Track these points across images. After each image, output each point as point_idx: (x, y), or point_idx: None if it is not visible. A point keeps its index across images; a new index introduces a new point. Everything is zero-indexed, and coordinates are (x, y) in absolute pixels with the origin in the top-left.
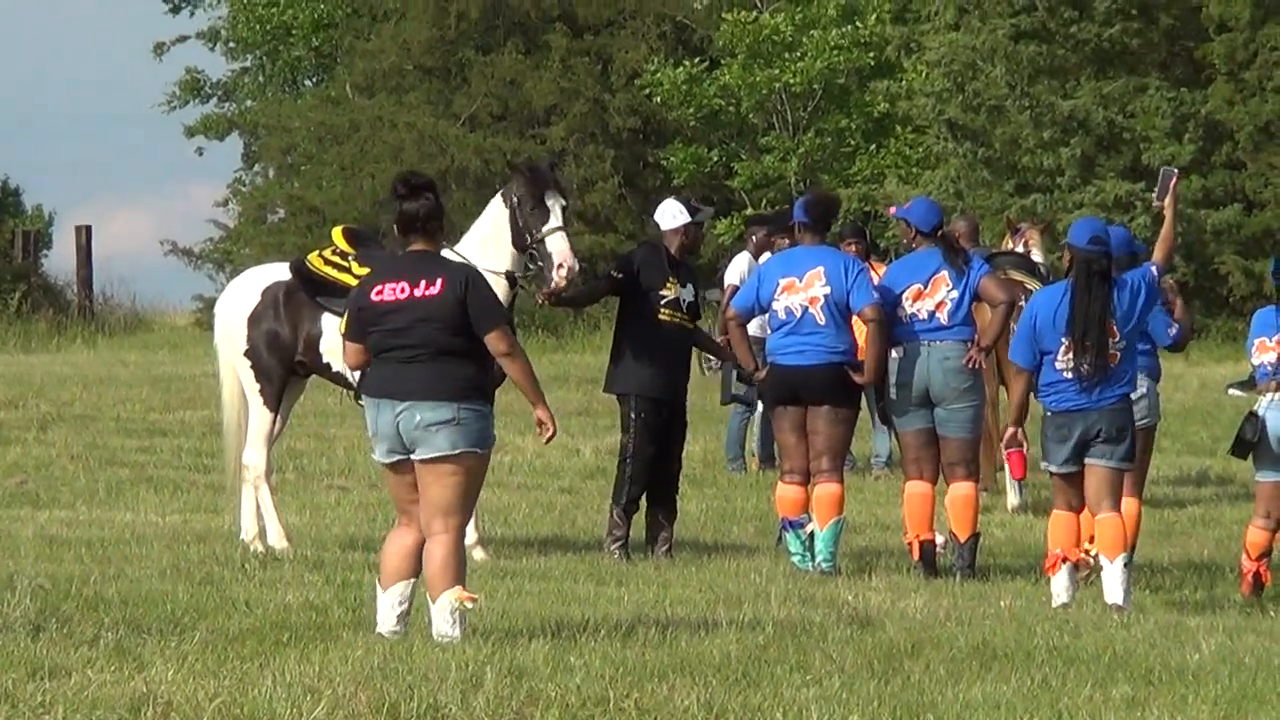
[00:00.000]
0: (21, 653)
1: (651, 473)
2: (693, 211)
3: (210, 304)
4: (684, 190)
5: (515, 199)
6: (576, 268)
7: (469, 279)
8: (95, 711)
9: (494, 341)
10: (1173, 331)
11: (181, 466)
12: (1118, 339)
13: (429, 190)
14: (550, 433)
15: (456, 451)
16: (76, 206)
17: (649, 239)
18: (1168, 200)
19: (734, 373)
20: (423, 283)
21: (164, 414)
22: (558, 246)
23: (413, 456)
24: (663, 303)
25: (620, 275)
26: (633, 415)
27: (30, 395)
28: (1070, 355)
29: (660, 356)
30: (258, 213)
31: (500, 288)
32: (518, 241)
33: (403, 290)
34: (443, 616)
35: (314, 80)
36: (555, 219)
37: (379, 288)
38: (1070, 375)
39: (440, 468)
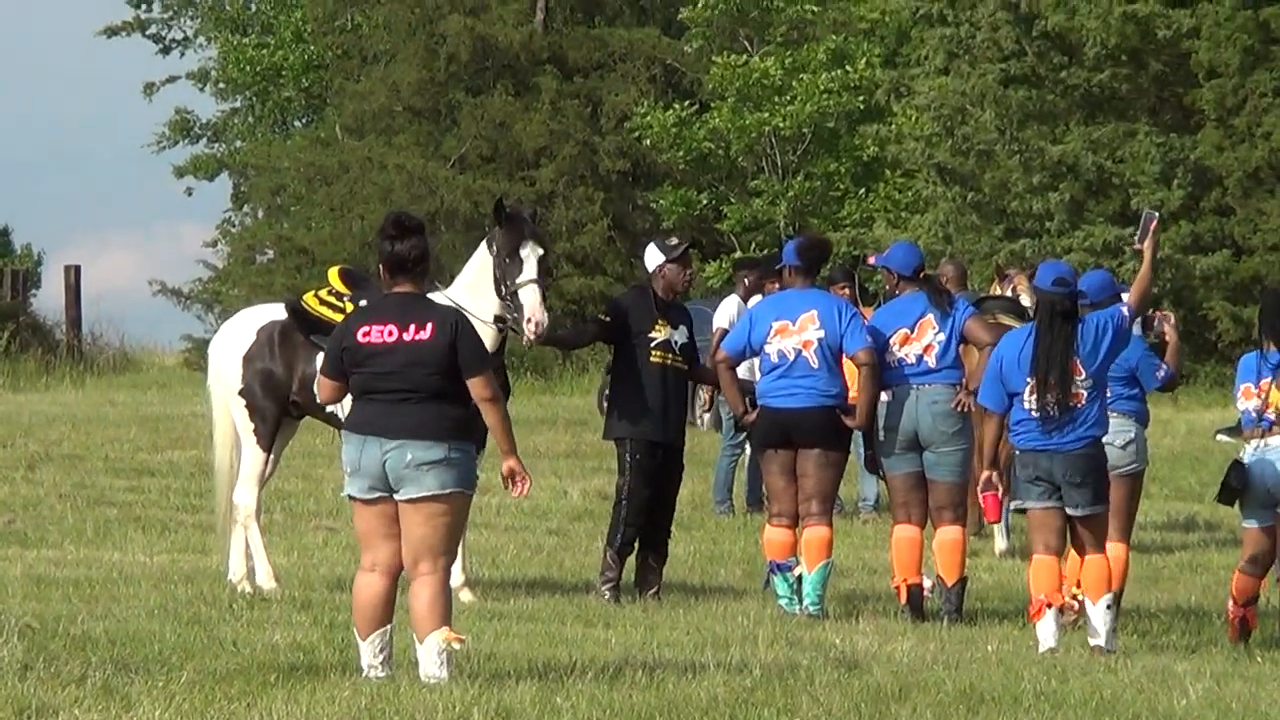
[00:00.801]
0: (9, 692)
1: (646, 517)
2: (667, 251)
3: (199, 344)
4: (665, 231)
5: (495, 247)
6: (545, 323)
7: (458, 324)
8: None
9: (477, 386)
10: (1160, 374)
11: (169, 506)
12: (1083, 377)
13: (418, 232)
14: (522, 486)
15: (446, 491)
16: (65, 246)
17: (637, 283)
18: (1147, 243)
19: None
20: (412, 326)
21: (152, 454)
22: (529, 300)
23: (397, 496)
24: (653, 345)
25: (608, 319)
26: (628, 458)
27: (19, 434)
28: (1035, 395)
29: (653, 399)
30: (247, 253)
31: (487, 334)
32: (497, 289)
33: (390, 333)
34: (430, 657)
35: (304, 121)
36: (529, 271)
37: (365, 329)
38: (1036, 415)
39: (430, 507)
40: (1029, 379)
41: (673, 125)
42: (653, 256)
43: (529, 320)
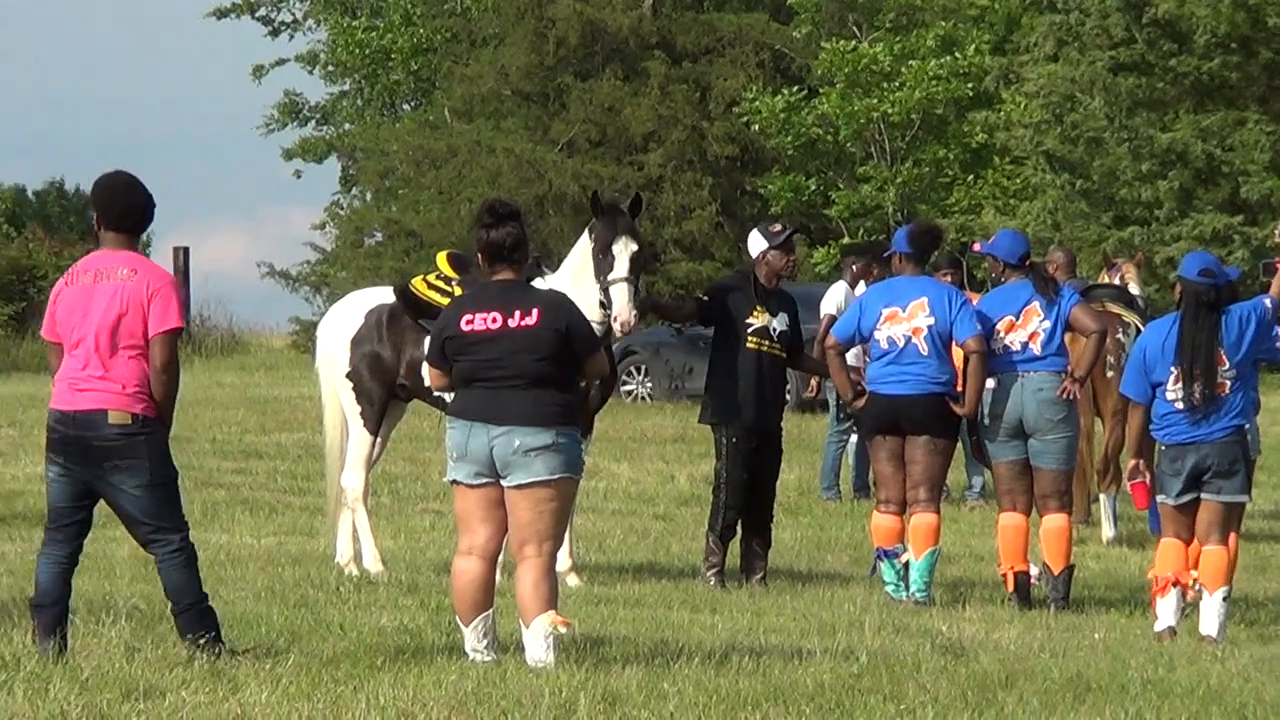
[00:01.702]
0: (117, 673)
1: (746, 501)
2: (771, 238)
3: (307, 326)
4: (770, 218)
5: (592, 239)
6: (632, 322)
7: (565, 307)
8: None
9: (590, 365)
10: None
11: (277, 489)
12: (1226, 367)
13: (515, 219)
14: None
15: (555, 477)
16: (174, 228)
17: (742, 268)
18: (1277, 279)
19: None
20: (517, 313)
21: (260, 436)
22: (618, 298)
23: (504, 482)
24: (750, 331)
25: (707, 299)
26: (724, 442)
27: None
28: (1180, 385)
29: (750, 385)
30: (355, 236)
31: (594, 318)
32: (597, 278)
33: (495, 320)
34: (536, 642)
35: (412, 104)
36: (619, 269)
37: (469, 317)
38: (1181, 406)
39: (537, 493)
40: (1173, 369)
41: (781, 110)
42: (756, 242)
43: (616, 318)
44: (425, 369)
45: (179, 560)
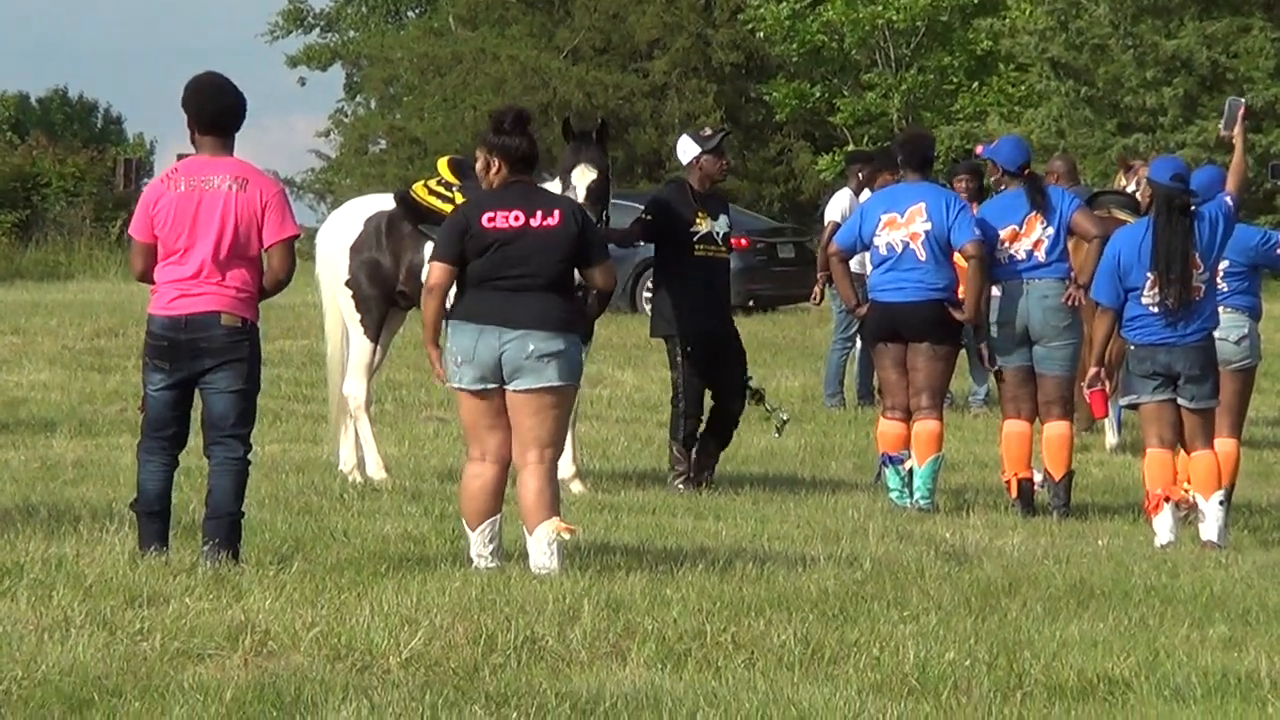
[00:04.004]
0: (121, 580)
1: (714, 406)
2: (702, 142)
3: (311, 234)
4: (702, 124)
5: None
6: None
7: (581, 213)
8: (193, 639)
9: (601, 274)
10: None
11: (281, 396)
12: (1201, 270)
13: (527, 124)
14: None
15: (562, 383)
16: (178, 134)
17: (675, 177)
18: (1236, 130)
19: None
20: (539, 213)
21: (264, 343)
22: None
23: (510, 386)
24: (696, 238)
25: (649, 217)
26: (678, 353)
27: (131, 324)
28: (1155, 290)
29: (699, 292)
30: (359, 143)
31: None
32: None
33: (518, 219)
34: (540, 548)
35: (417, 12)
36: (579, 195)
37: (490, 214)
38: (1156, 310)
39: (543, 398)
40: (1149, 274)
41: (786, 18)
42: (688, 148)
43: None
44: (427, 266)
45: (236, 469)
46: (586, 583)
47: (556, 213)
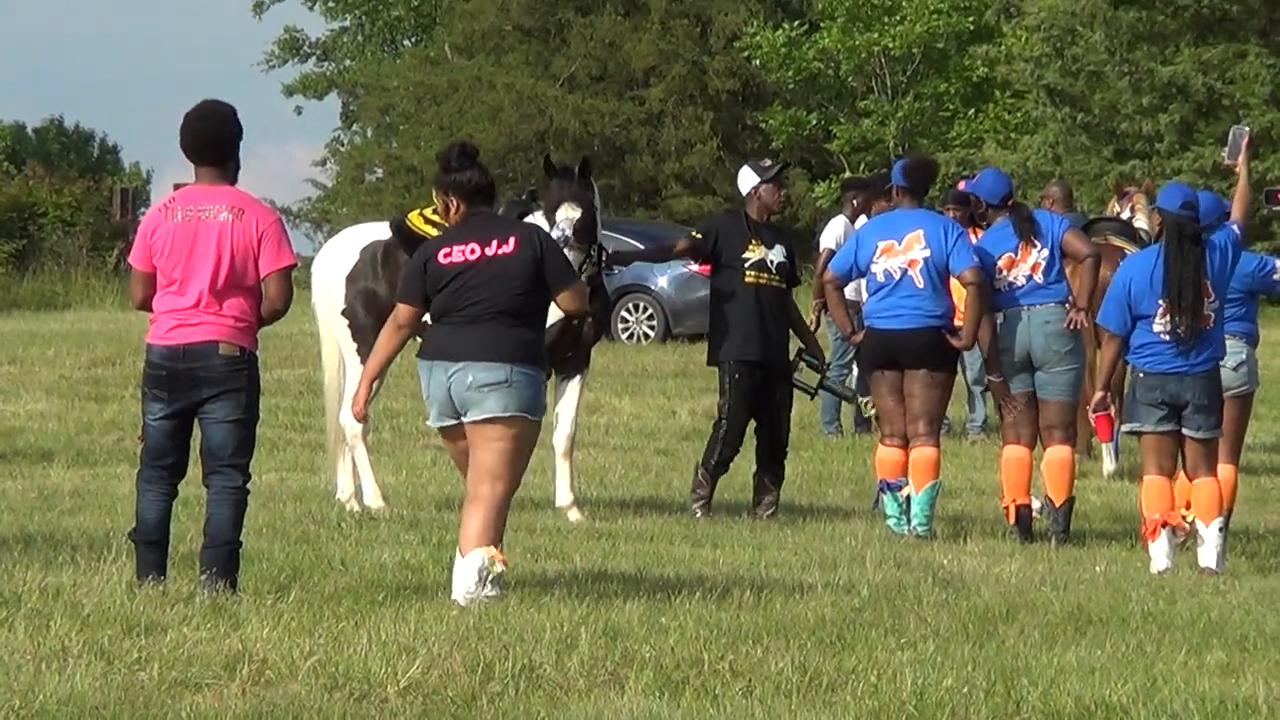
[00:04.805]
0: (118, 609)
1: (759, 437)
2: (761, 172)
3: (308, 263)
4: (761, 154)
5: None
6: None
7: (541, 238)
8: (191, 669)
9: (566, 300)
10: (1277, 276)
11: (278, 425)
12: (1212, 299)
13: (475, 158)
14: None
15: (507, 414)
16: (174, 164)
17: (732, 207)
18: (1240, 159)
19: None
20: (494, 242)
21: (261, 372)
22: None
23: (463, 419)
24: (747, 265)
25: (699, 237)
26: (727, 380)
27: (128, 353)
28: (1167, 318)
29: (750, 320)
30: (356, 172)
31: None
32: None
33: (473, 251)
34: (469, 573)
35: (413, 40)
36: (558, 233)
37: (446, 250)
38: (1167, 338)
39: (489, 430)
40: (1160, 301)
41: (782, 45)
42: (747, 178)
43: None
44: (395, 309)
45: (234, 498)
46: (584, 610)
47: (512, 239)
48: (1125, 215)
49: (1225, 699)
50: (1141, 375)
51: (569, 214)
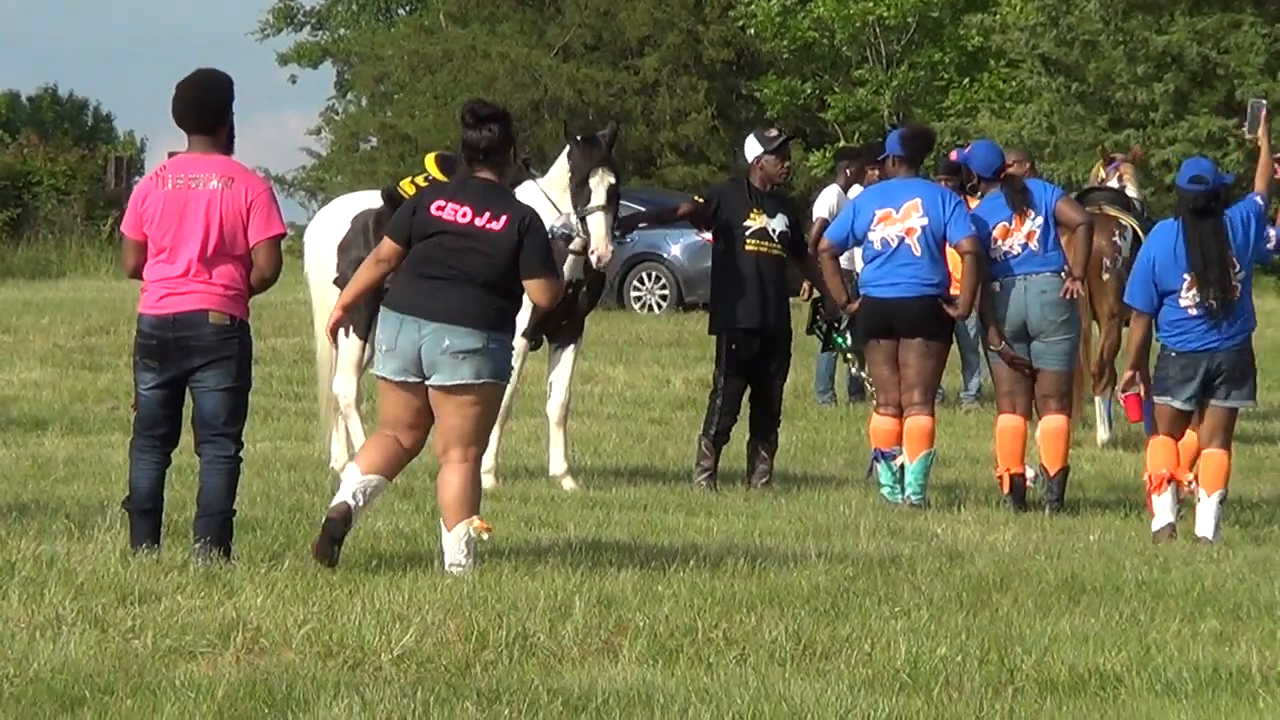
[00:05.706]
0: (112, 577)
1: (753, 405)
2: (765, 143)
3: (302, 232)
4: (766, 123)
5: (570, 167)
6: (608, 256)
7: (530, 223)
8: (185, 637)
9: (535, 290)
10: (1270, 244)
11: (272, 394)
12: (1238, 269)
13: (495, 120)
14: None
15: (480, 381)
16: (168, 133)
17: (735, 176)
18: (1261, 131)
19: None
20: (487, 214)
21: (255, 341)
22: (596, 231)
23: (429, 381)
24: (748, 233)
25: (702, 202)
26: (724, 348)
27: (122, 322)
28: (1194, 291)
29: (749, 287)
30: (350, 141)
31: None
32: (575, 210)
33: (465, 215)
34: (457, 546)
35: (407, 9)
36: (597, 198)
37: (440, 202)
38: (1196, 312)
39: (462, 397)
40: (1185, 275)
41: (777, 14)
42: (752, 147)
43: (593, 251)
44: (381, 242)
45: (227, 467)
46: (578, 579)
47: (503, 218)
48: (1114, 184)
49: (1219, 667)
50: (1174, 354)
51: (606, 179)
